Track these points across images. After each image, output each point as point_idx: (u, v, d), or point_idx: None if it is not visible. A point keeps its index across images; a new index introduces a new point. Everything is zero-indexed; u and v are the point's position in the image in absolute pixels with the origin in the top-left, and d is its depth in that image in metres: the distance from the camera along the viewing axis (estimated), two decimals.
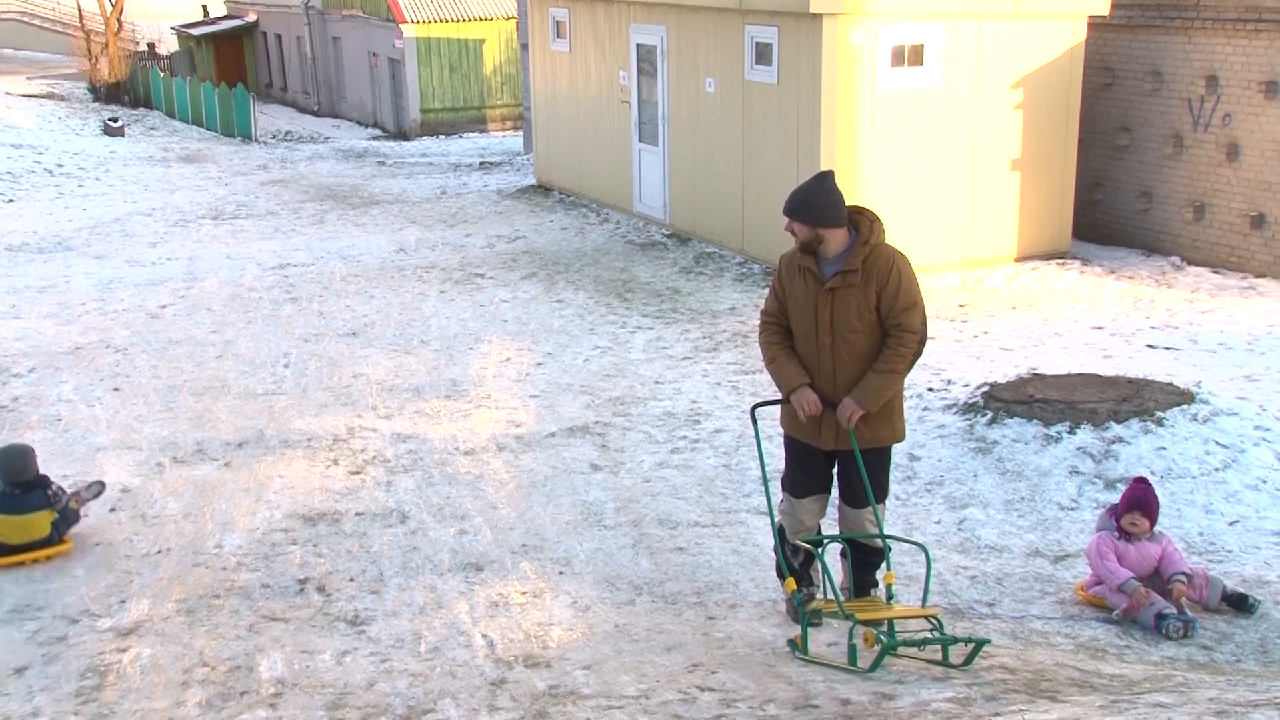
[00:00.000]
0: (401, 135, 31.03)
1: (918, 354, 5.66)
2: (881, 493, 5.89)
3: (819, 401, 5.63)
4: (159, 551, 7.09)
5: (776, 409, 6.16)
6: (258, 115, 31.49)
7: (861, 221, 5.68)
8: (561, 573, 6.77)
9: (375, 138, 31.00)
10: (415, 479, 8.19)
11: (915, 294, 5.61)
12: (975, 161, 13.53)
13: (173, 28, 44.28)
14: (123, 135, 29.03)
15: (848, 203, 5.70)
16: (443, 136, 30.53)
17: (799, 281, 5.69)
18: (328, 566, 6.87)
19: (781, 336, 5.79)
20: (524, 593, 6.50)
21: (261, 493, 7.97)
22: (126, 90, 37.46)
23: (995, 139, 13.55)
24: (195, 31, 41.15)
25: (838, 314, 5.59)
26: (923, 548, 5.70)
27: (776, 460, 7.13)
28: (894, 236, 12.71)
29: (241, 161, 24.85)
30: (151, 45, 43.74)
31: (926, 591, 5.64)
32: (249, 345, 11.45)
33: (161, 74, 35.64)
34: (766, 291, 13.10)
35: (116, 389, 10.16)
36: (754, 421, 5.90)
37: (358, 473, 8.31)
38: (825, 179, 5.62)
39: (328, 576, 6.73)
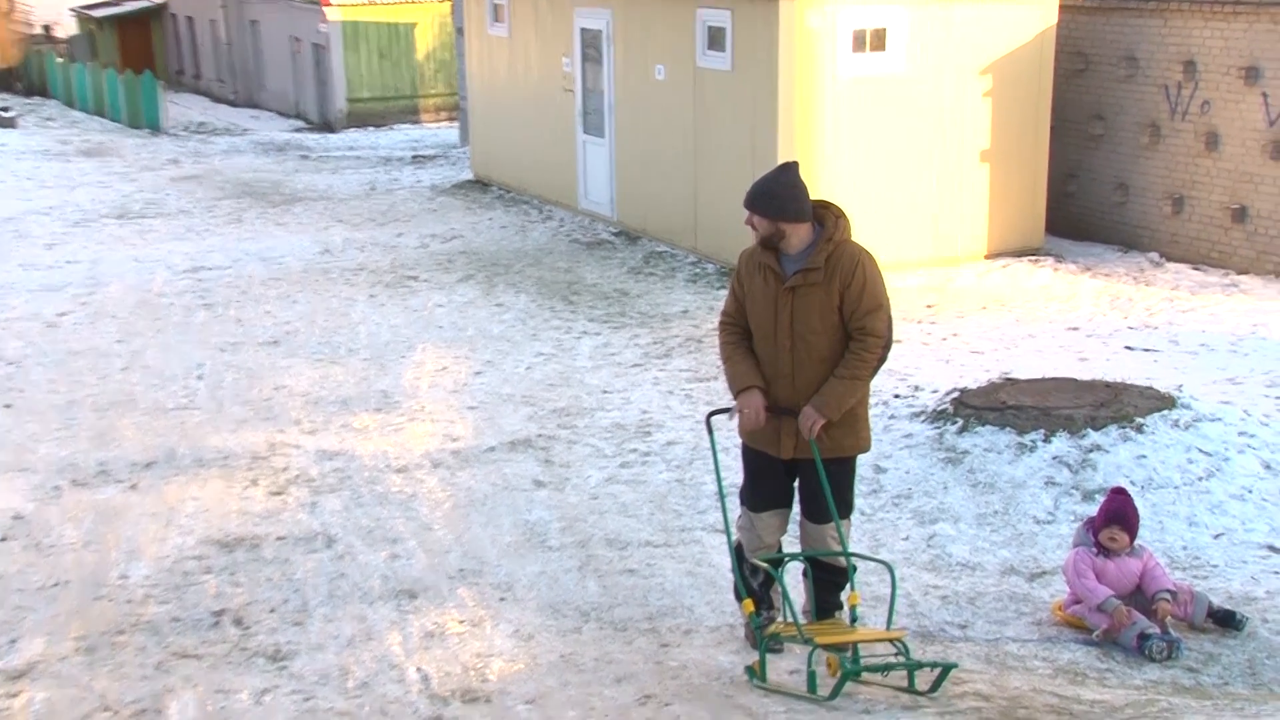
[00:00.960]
0: (326, 127, 30.84)
1: (883, 359, 5.68)
2: (845, 507, 5.89)
3: (763, 409, 5.64)
4: (56, 584, 6.96)
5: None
6: (168, 105, 31.17)
7: (826, 217, 5.68)
8: (502, 599, 6.73)
9: (298, 130, 30.80)
10: (342, 499, 8.12)
11: (881, 295, 5.62)
12: (942, 152, 13.63)
13: (71, 9, 43.74)
14: (14, 127, 28.63)
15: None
16: (372, 128, 30.38)
17: (758, 279, 5.70)
18: (246, 597, 6.78)
19: (739, 337, 5.80)
20: (461, 621, 6.45)
21: (172, 517, 7.86)
22: (19, 77, 36.97)
23: (963, 129, 13.66)
24: (97, 14, 40.67)
25: (798, 314, 5.60)
26: (888, 566, 5.70)
27: (734, 474, 7.13)
28: (857, 232, 12.78)
29: (150, 155, 24.59)
30: (48, 28, 43.21)
31: (892, 613, 5.64)
32: (158, 356, 11.32)
33: (59, 60, 35.20)
34: (721, 293, 13.19)
35: (8, 405, 10.00)
36: (709, 431, 5.89)
37: (279, 493, 8.22)
38: (789, 170, 5.64)
39: (246, 608, 6.65)
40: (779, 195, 5.59)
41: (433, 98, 31.72)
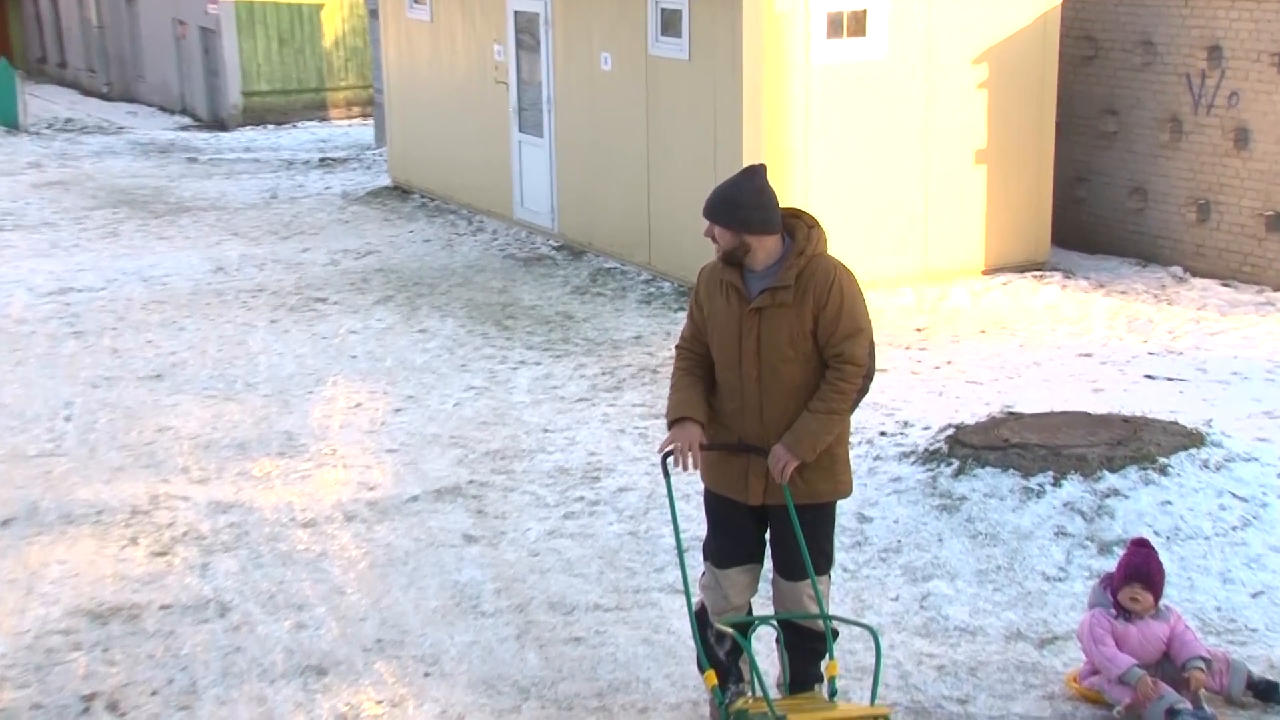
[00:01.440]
0: (218, 125, 30.74)
1: (864, 390, 5.71)
2: (824, 561, 5.91)
3: (696, 444, 5.66)
4: None
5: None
6: (27, 99, 30.93)
7: (798, 228, 5.72)
8: (427, 674, 6.69)
9: (184, 128, 30.68)
10: (239, 560, 8.06)
11: (860, 317, 5.66)
12: (932, 153, 13.76)
13: None
14: None
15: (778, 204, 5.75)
16: (272, 126, 30.29)
17: (720, 299, 5.73)
18: (123, 677, 6.71)
19: (693, 364, 5.84)
20: (380, 701, 6.41)
21: (34, 584, 7.77)
22: None
23: (955, 125, 13.79)
24: None
25: (766, 339, 5.64)
26: (872, 631, 5.71)
27: (697, 525, 7.13)
28: (833, 245, 12.82)
29: (6, 157, 24.40)
30: None
31: (877, 686, 5.65)
32: (18, 393, 11.23)
33: None
34: (680, 316, 13.18)
35: None
36: (665, 474, 5.85)
37: (163, 554, 8.16)
38: (755, 175, 5.67)
39: (122, 690, 6.58)
40: (743, 203, 5.63)
41: (343, 91, 31.69)
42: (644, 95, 14.28)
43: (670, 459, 5.73)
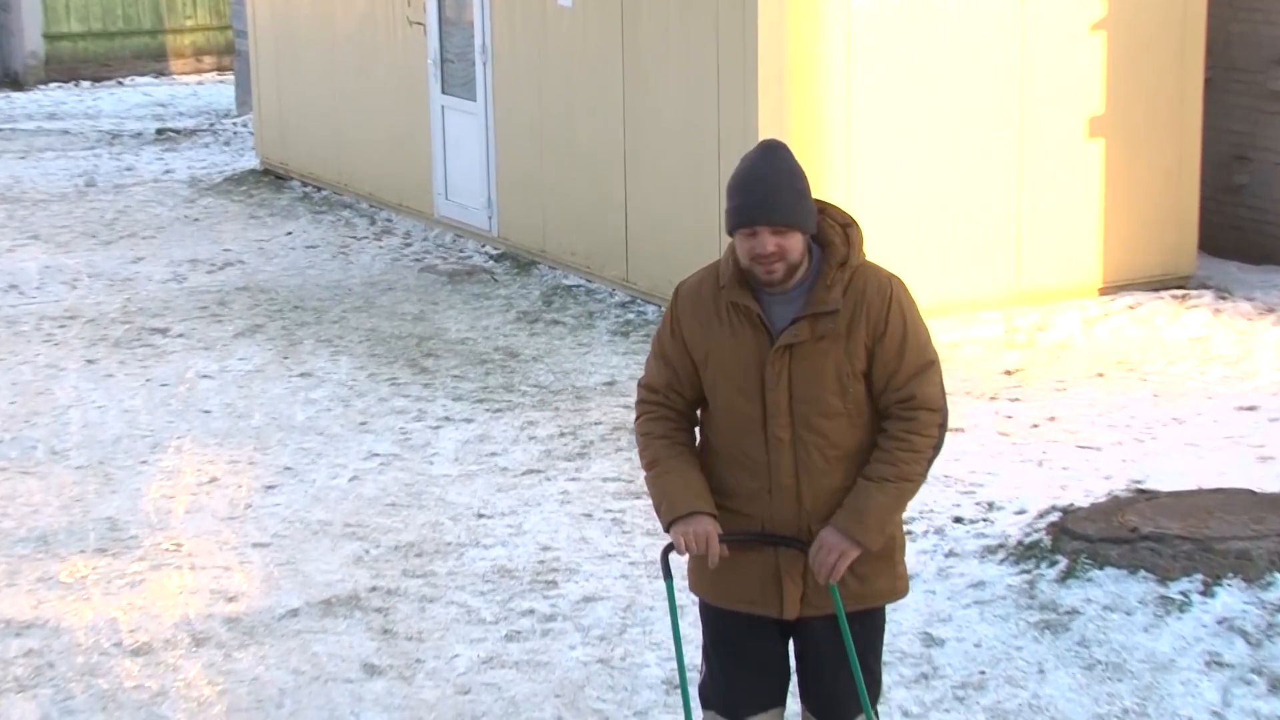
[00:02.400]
0: (10, 82, 30.73)
1: (938, 446, 5.74)
2: (875, 689, 5.94)
3: (716, 540, 5.65)
4: None
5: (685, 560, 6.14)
6: None
7: (829, 229, 5.73)
8: None
9: None
10: (39, 704, 8.00)
11: (929, 346, 5.71)
12: (1026, 123, 13.80)
13: None
14: None
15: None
16: (87, 84, 30.31)
17: (724, 333, 5.73)
18: None
19: (672, 428, 5.84)
20: None
21: None
22: None
23: (1060, 83, 13.84)
24: None
25: (802, 387, 5.64)
26: None
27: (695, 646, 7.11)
28: (889, 255, 12.77)
29: None
30: None
31: None
32: None
33: None
34: None
35: None
36: (666, 574, 5.88)
37: None
38: (784, 152, 5.67)
39: None
40: (804, 192, 5.63)
41: (189, 35, 31.72)
42: (618, 43, 14.35)
43: (673, 551, 5.76)
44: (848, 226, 5.74)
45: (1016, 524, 9.33)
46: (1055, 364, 12.76)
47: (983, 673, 7.97)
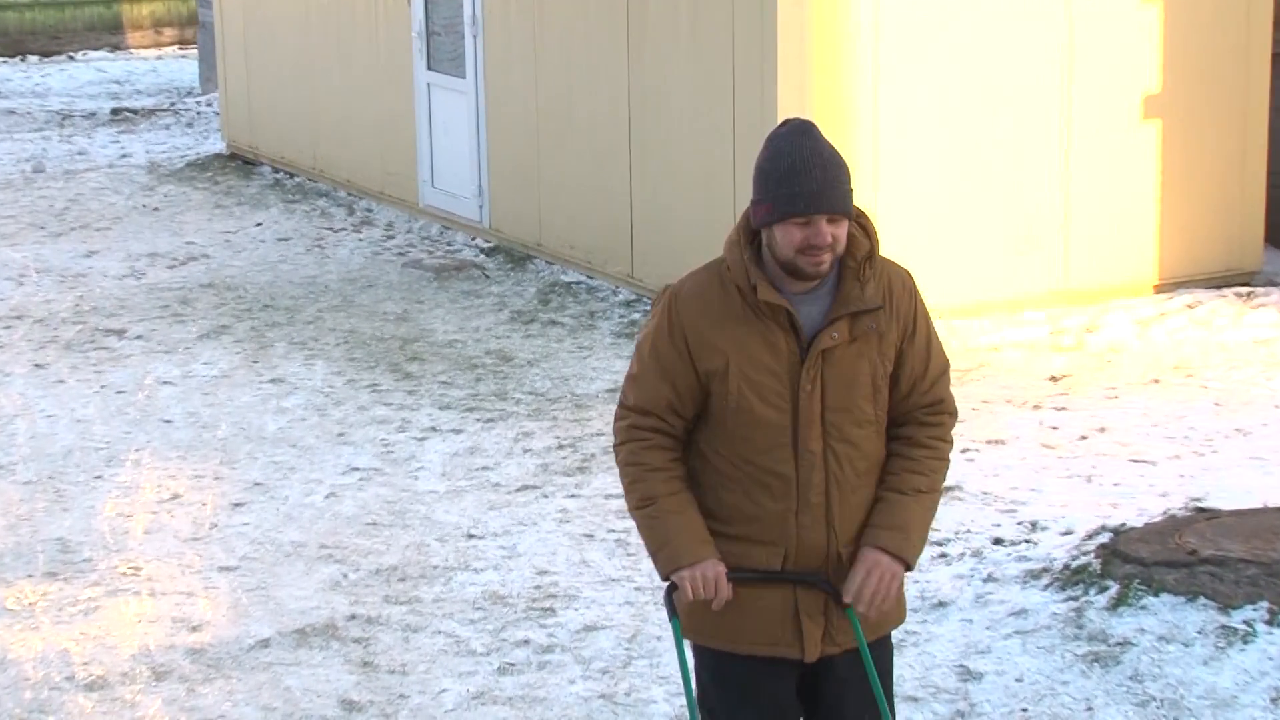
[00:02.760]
0: None
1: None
2: None
3: (724, 581, 5.64)
4: None
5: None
6: None
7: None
8: None
9: None
10: None
11: (942, 345, 5.89)
12: (1073, 103, 13.81)
13: None
14: None
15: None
16: (35, 58, 30.23)
17: (751, 337, 5.71)
18: None
19: (670, 459, 5.80)
20: None
21: None
22: None
23: (1109, 62, 13.85)
24: None
25: (836, 394, 5.68)
26: None
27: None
28: (924, 247, 12.81)
29: None
30: None
31: None
32: None
33: None
34: None
35: None
36: (671, 612, 5.85)
37: None
38: (818, 134, 5.70)
39: None
40: (847, 174, 5.66)
41: (148, 4, 31.60)
42: (623, 13, 14.40)
43: (676, 593, 5.73)
44: (861, 218, 5.76)
45: (1062, 546, 9.31)
46: (1105, 370, 12.74)
47: (1025, 710, 7.94)
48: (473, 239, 16.47)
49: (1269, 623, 8.07)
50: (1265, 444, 11.35)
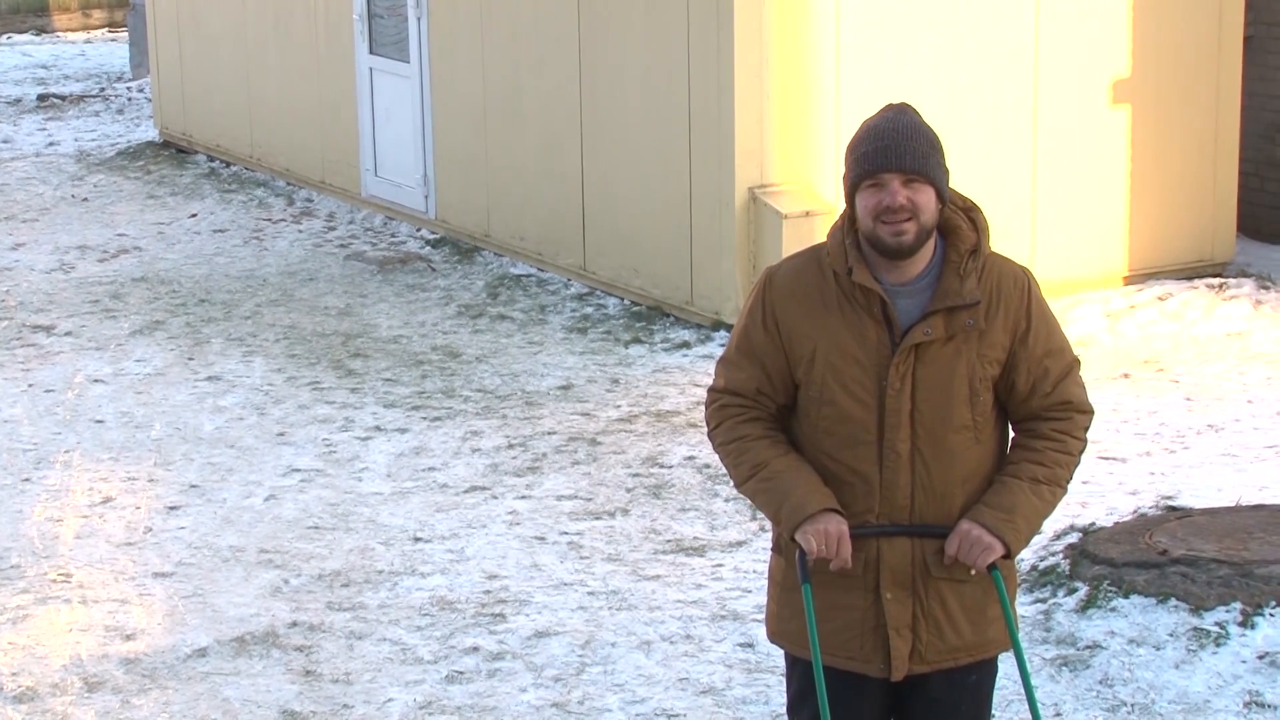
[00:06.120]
0: None
1: (1082, 456, 5.82)
2: None
3: (847, 541, 5.54)
4: None
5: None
6: None
7: (950, 213, 5.71)
8: None
9: None
10: None
11: (1069, 342, 5.78)
12: (1042, 86, 13.79)
13: None
14: None
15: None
16: None
17: (841, 325, 5.64)
18: None
19: (770, 428, 5.73)
20: None
21: None
22: None
23: (1077, 45, 13.81)
24: None
25: (928, 394, 5.60)
26: None
27: (777, 693, 7.12)
28: None
29: None
30: None
31: None
32: None
33: None
34: (632, 352, 13.19)
35: None
36: (804, 576, 5.66)
37: None
38: (912, 112, 5.65)
39: None
40: (930, 140, 5.59)
41: None
42: None
43: (807, 555, 5.60)
44: (971, 210, 5.74)
45: (1030, 546, 9.28)
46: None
47: (992, 715, 7.98)
48: (418, 230, 16.42)
49: (1242, 625, 8.11)
50: (1237, 440, 11.37)
